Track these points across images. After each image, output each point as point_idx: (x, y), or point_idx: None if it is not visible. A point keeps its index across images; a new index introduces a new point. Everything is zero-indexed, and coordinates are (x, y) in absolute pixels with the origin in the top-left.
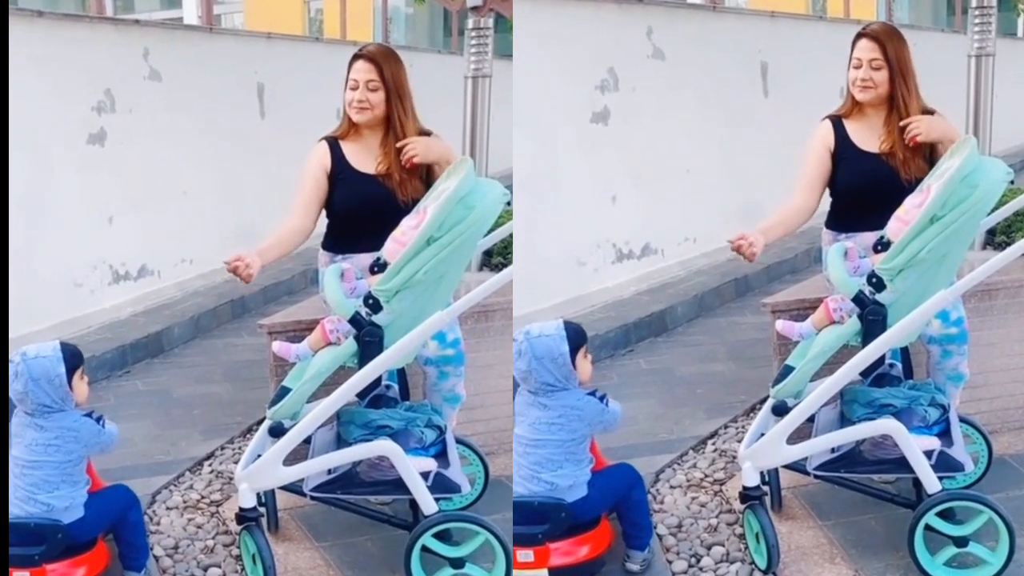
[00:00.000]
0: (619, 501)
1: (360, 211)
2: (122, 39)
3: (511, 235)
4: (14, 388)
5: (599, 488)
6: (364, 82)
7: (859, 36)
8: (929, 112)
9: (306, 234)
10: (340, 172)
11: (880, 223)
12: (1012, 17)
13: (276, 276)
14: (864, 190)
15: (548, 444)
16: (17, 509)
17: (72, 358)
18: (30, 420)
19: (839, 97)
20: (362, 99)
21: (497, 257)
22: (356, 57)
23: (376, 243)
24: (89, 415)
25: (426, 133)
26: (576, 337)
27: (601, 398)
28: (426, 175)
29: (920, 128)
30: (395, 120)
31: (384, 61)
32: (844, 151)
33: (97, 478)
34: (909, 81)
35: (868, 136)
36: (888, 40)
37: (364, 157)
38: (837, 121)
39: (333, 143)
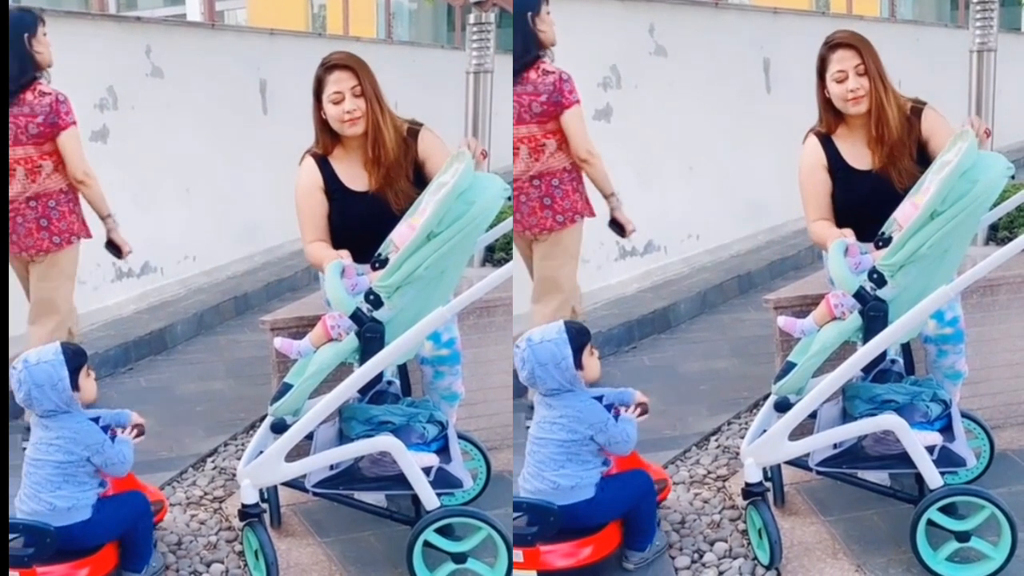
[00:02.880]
0: (631, 509)
1: (356, 229)
2: (124, 36)
3: (513, 230)
4: (17, 396)
5: (611, 493)
6: (348, 89)
7: (833, 47)
8: (919, 105)
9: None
10: (334, 192)
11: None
12: (1017, 12)
13: (279, 273)
14: (863, 209)
15: (550, 443)
16: (24, 505)
17: (75, 357)
18: (38, 419)
19: None
20: (352, 108)
21: (499, 253)
22: (330, 68)
23: (370, 257)
24: (96, 420)
25: (417, 125)
26: (579, 336)
27: (608, 407)
28: (414, 175)
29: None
30: (380, 128)
31: (359, 66)
32: (838, 170)
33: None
34: (887, 84)
35: (859, 152)
36: (863, 45)
37: (354, 174)
38: (825, 138)
39: (321, 160)
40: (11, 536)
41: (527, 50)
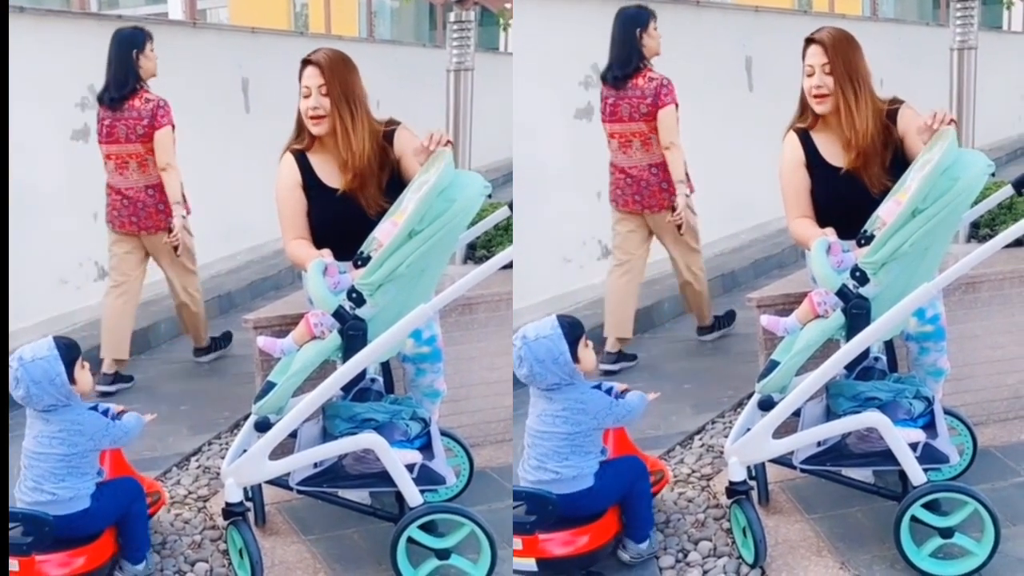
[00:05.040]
0: (626, 493)
1: (334, 226)
2: (105, 34)
3: (495, 228)
4: (16, 394)
5: (606, 479)
6: (316, 87)
7: (807, 42)
8: (895, 106)
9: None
10: (312, 188)
11: (853, 236)
12: (998, 10)
13: (263, 271)
14: (840, 206)
15: (553, 436)
16: (26, 496)
17: (69, 351)
18: (37, 413)
19: None
20: (315, 106)
21: (481, 250)
22: (304, 63)
23: (349, 255)
24: (95, 408)
25: (394, 124)
26: (573, 330)
27: (608, 391)
28: (391, 176)
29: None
30: (348, 132)
31: (328, 66)
32: (816, 166)
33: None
34: (859, 87)
35: (835, 150)
36: (833, 44)
37: (331, 171)
38: (804, 135)
39: (300, 156)
40: (11, 525)
41: (630, 60)
